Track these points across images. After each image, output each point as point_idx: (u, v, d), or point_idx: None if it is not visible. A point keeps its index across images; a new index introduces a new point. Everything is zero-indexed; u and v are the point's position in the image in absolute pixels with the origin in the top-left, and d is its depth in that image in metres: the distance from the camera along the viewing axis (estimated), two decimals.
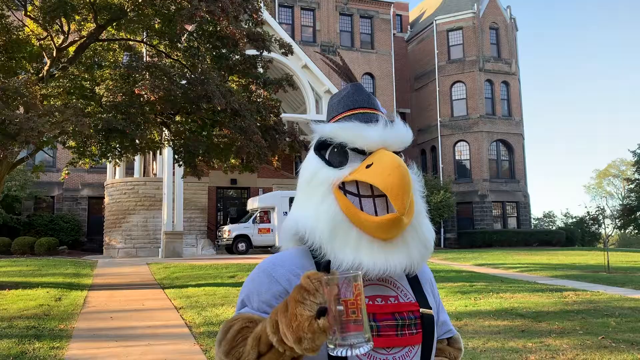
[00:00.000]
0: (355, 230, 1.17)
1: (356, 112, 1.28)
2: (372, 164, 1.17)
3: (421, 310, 1.24)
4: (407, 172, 1.15)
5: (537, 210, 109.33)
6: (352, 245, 1.16)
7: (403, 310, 1.21)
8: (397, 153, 1.23)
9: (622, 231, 41.71)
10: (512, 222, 33.26)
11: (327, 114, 1.35)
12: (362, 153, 1.22)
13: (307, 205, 1.23)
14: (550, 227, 42.29)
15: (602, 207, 34.17)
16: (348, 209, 1.18)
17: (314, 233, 1.18)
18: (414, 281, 1.30)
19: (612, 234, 45.60)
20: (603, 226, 35.14)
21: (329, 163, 1.24)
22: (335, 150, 1.24)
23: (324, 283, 0.95)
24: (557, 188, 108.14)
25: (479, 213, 32.42)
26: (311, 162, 1.27)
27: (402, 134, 1.27)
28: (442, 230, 31.73)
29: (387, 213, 1.18)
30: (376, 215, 1.18)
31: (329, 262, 1.16)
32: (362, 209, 1.18)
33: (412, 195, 1.20)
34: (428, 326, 1.24)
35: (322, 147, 1.26)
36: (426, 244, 1.24)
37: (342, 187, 1.21)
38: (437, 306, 1.35)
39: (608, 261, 14.91)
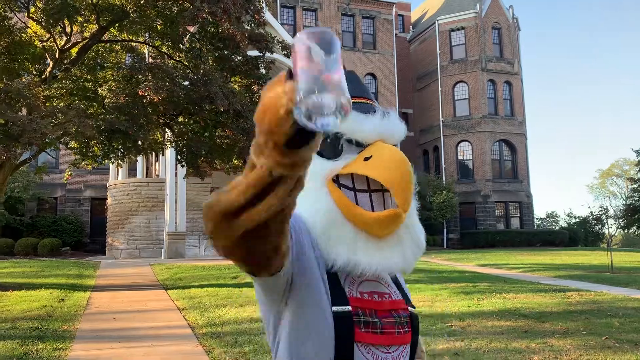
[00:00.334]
0: (350, 227, 1.13)
1: (353, 100, 1.23)
2: (372, 156, 1.13)
3: (410, 308, 1.22)
4: (409, 166, 1.12)
5: (540, 211, 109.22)
6: (347, 243, 1.11)
7: (398, 308, 1.18)
8: None
9: (626, 231, 41.61)
10: (515, 223, 33.19)
11: None
12: (357, 145, 1.17)
13: (300, 198, 1.18)
14: (554, 227, 42.20)
15: (605, 207, 34.11)
16: (343, 203, 1.13)
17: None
18: (395, 279, 1.26)
19: (616, 234, 45.53)
20: (606, 226, 35.04)
21: (320, 154, 1.18)
22: (329, 140, 1.18)
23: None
24: (560, 188, 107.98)
25: (482, 213, 32.37)
26: None
27: (399, 126, 1.22)
28: (444, 230, 31.69)
29: (384, 209, 1.14)
30: (372, 211, 1.14)
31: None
32: (357, 204, 1.14)
33: None
34: (416, 325, 1.22)
35: None
36: (418, 243, 1.20)
37: (336, 180, 1.16)
38: None
39: (611, 261, 14.87)
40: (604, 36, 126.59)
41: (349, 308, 1.11)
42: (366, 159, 1.13)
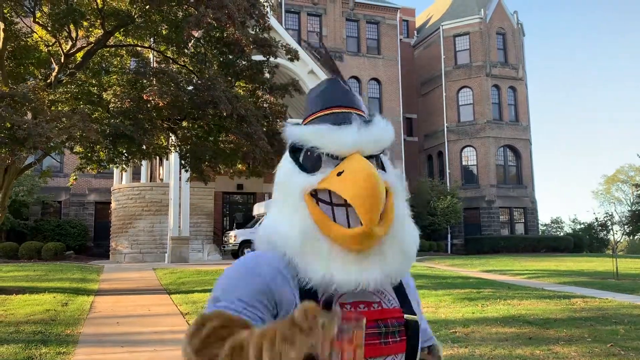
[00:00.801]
0: (326, 242, 1.11)
1: (331, 111, 1.20)
2: (343, 171, 1.11)
3: (406, 316, 1.18)
4: (377, 183, 1.08)
5: (544, 216, 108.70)
6: (323, 258, 1.10)
7: (387, 317, 1.16)
8: (373, 156, 1.17)
9: (631, 237, 41.37)
10: (519, 228, 33.09)
11: (305, 111, 1.28)
12: (335, 158, 1.15)
13: (281, 211, 1.18)
14: (558, 233, 42.05)
15: (610, 213, 33.89)
16: (319, 219, 1.12)
17: (286, 242, 1.13)
18: (398, 286, 1.23)
19: (621, 241, 45.27)
20: (611, 232, 34.85)
21: (302, 168, 1.18)
22: (309, 154, 1.17)
23: (320, 324, 0.82)
24: (564, 194, 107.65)
25: (486, 219, 32.28)
26: (286, 166, 1.22)
27: (379, 134, 1.17)
28: (448, 236, 31.62)
29: (361, 224, 1.11)
30: (349, 226, 1.12)
31: (332, 296, 1.10)
32: (334, 219, 1.12)
33: (391, 203, 1.14)
34: (413, 333, 1.18)
35: (296, 150, 1.20)
36: (405, 251, 1.16)
37: (315, 194, 1.14)
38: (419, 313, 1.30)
39: (617, 268, 14.78)
40: (610, 40, 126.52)
41: None
42: (339, 174, 1.11)
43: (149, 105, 11.77)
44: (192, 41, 13.10)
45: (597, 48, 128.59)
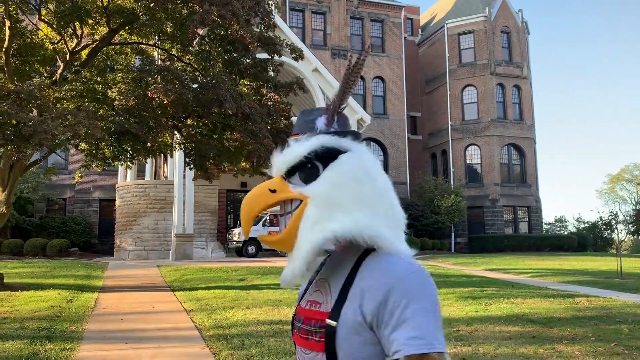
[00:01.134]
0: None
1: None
2: None
3: (328, 321, 1.22)
4: (249, 204, 1.30)
5: (548, 215, 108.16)
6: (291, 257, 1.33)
7: (313, 318, 1.27)
8: (296, 171, 1.32)
9: (636, 237, 41.25)
10: (523, 227, 33.03)
11: None
12: None
13: None
14: (562, 232, 41.93)
15: (614, 212, 33.76)
16: None
17: None
18: (344, 290, 1.23)
19: (625, 240, 45.11)
20: (616, 231, 34.72)
21: None
22: None
23: None
24: (569, 193, 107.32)
25: (490, 217, 32.24)
26: None
27: (285, 155, 1.34)
28: (452, 234, 31.59)
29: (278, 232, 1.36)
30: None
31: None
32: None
33: (298, 213, 1.27)
34: (328, 337, 1.21)
35: None
36: (296, 253, 1.29)
37: None
38: (374, 319, 1.17)
39: (621, 267, 14.76)
40: (615, 39, 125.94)
41: (295, 312, 1.37)
42: None
43: (153, 103, 11.79)
44: (197, 39, 13.09)
45: (603, 46, 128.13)
